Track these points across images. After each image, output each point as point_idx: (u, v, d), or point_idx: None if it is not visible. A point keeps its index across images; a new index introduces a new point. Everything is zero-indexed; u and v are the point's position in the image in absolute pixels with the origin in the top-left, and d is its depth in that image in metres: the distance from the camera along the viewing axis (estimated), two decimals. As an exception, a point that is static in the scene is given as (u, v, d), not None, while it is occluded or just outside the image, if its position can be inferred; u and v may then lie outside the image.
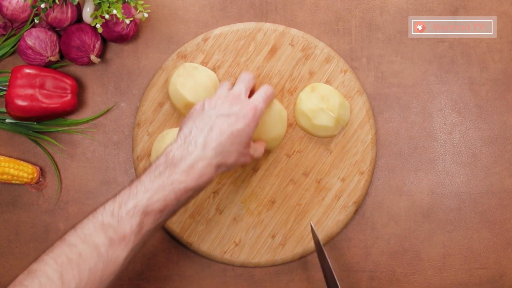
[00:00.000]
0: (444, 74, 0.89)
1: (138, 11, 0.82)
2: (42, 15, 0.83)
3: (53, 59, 0.84)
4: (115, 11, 0.79)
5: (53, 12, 0.83)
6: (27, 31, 0.84)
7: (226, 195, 0.87)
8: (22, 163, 0.86)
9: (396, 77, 0.89)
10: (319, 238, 0.84)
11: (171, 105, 0.87)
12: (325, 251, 0.82)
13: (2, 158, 0.86)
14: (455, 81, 0.89)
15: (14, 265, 0.88)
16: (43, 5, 0.78)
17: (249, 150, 0.76)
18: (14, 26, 0.86)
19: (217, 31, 0.87)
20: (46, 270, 0.63)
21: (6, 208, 0.88)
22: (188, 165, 0.70)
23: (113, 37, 0.85)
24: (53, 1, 0.79)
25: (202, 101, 0.76)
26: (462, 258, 0.89)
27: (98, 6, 0.81)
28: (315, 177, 0.87)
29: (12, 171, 0.84)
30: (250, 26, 0.87)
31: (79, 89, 0.88)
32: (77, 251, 0.65)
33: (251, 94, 0.80)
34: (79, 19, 0.86)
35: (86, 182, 0.88)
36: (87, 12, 0.83)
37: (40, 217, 0.88)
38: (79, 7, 0.85)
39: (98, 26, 0.81)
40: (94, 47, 0.84)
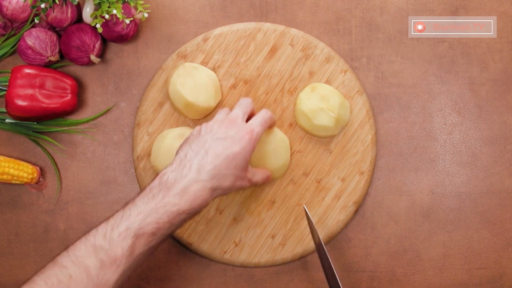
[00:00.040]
0: (444, 74, 0.89)
1: (138, 11, 0.82)
2: (42, 15, 0.83)
3: (53, 59, 0.84)
4: (115, 11, 0.79)
5: (53, 12, 0.83)
6: (27, 31, 0.84)
7: (226, 195, 0.87)
8: (22, 163, 0.86)
9: (396, 77, 0.89)
10: (318, 232, 0.83)
11: (171, 105, 0.87)
12: (322, 242, 0.81)
13: (2, 158, 0.86)
14: (455, 81, 0.89)
15: (14, 265, 0.88)
16: (43, 5, 0.78)
17: (247, 174, 0.76)
18: (14, 26, 0.86)
19: (217, 31, 0.87)
20: None
21: (6, 208, 0.88)
22: (181, 188, 0.69)
23: (113, 37, 0.85)
24: (53, 1, 0.79)
25: (199, 126, 0.76)
26: (462, 258, 0.89)
27: (98, 6, 0.81)
28: (315, 177, 0.87)
29: (12, 171, 0.84)
30: (250, 26, 0.87)
31: (79, 89, 0.88)
32: (67, 273, 0.64)
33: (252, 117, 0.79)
34: (79, 19, 0.86)
35: (86, 182, 0.88)
36: (87, 12, 0.83)
37: (40, 217, 0.88)
38: (79, 7, 0.85)
39: (98, 26, 0.81)
40: (94, 47, 0.84)
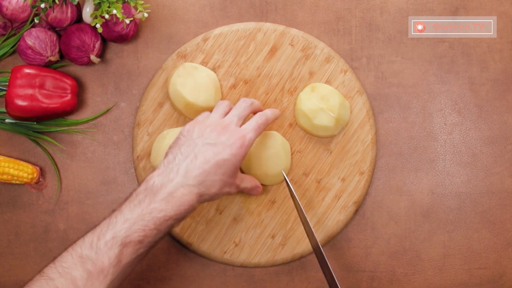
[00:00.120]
0: (444, 74, 0.89)
1: (138, 11, 0.82)
2: (42, 15, 0.83)
3: (53, 59, 0.84)
4: (115, 11, 0.79)
5: (53, 12, 0.83)
6: (27, 31, 0.84)
7: (226, 195, 0.86)
8: (22, 163, 0.86)
9: (396, 77, 0.89)
10: (300, 204, 0.81)
11: (171, 105, 0.87)
12: (316, 236, 0.81)
13: (2, 158, 0.86)
14: (455, 81, 0.89)
15: (14, 265, 0.88)
16: (43, 5, 0.78)
17: (236, 180, 0.75)
18: (14, 26, 0.85)
19: (217, 31, 0.87)
20: None
21: (6, 208, 0.88)
22: (168, 193, 0.69)
23: (113, 37, 0.85)
24: (53, 1, 0.79)
25: (188, 125, 0.75)
26: (462, 258, 0.89)
27: (98, 6, 0.81)
28: (315, 177, 0.87)
29: (12, 171, 0.84)
30: (250, 26, 0.87)
31: (79, 89, 0.88)
32: (54, 285, 0.64)
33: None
34: (79, 19, 0.85)
35: (86, 182, 0.88)
36: (87, 12, 0.83)
37: (40, 217, 0.88)
38: (79, 7, 0.85)
39: (98, 26, 0.81)
40: (94, 47, 0.84)
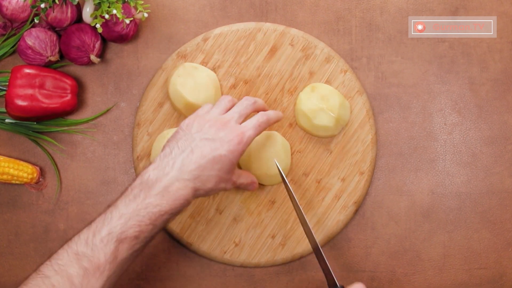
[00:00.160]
0: (444, 74, 0.89)
1: (138, 11, 0.82)
2: (42, 15, 0.83)
3: (53, 59, 0.84)
4: (115, 11, 0.79)
5: (53, 12, 0.83)
6: (27, 31, 0.84)
7: (226, 195, 0.87)
8: (22, 163, 0.86)
9: (396, 77, 0.89)
10: (294, 196, 0.80)
11: (171, 105, 0.87)
12: (311, 228, 0.80)
13: (2, 158, 0.86)
14: (455, 81, 0.89)
15: (14, 265, 0.88)
16: (43, 5, 0.78)
17: (232, 176, 0.75)
18: (14, 26, 0.85)
19: (217, 31, 0.87)
20: None
21: (6, 208, 0.88)
22: (163, 187, 0.68)
23: (113, 37, 0.85)
24: (53, 1, 0.79)
25: (188, 119, 0.74)
26: (462, 258, 0.89)
27: (98, 6, 0.81)
28: (315, 177, 0.87)
29: (12, 171, 0.84)
30: (250, 26, 0.87)
31: (79, 89, 0.88)
32: (50, 283, 0.64)
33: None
34: (79, 19, 0.85)
35: (86, 182, 0.88)
36: (87, 12, 0.83)
37: (40, 217, 0.88)
38: (79, 7, 0.85)
39: (98, 26, 0.81)
40: (94, 47, 0.84)
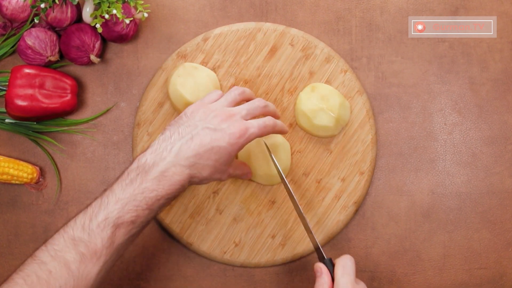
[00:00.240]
0: (444, 74, 0.89)
1: (138, 11, 0.82)
2: (41, 15, 0.83)
3: (52, 59, 0.84)
4: (115, 11, 0.79)
5: (53, 12, 0.83)
6: (26, 31, 0.84)
7: (226, 195, 0.87)
8: (21, 163, 0.86)
9: (396, 77, 0.89)
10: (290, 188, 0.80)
11: (171, 105, 0.86)
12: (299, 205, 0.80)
13: (1, 158, 0.86)
14: (455, 81, 0.89)
15: (13, 266, 0.88)
16: (43, 5, 0.78)
17: (229, 168, 0.74)
18: (13, 26, 0.85)
19: (217, 31, 0.87)
20: None
21: (5, 208, 0.88)
22: (159, 172, 0.68)
23: (113, 37, 0.85)
24: (53, 1, 0.79)
25: (194, 105, 0.74)
26: (462, 258, 0.89)
27: (98, 6, 0.81)
28: (315, 177, 0.87)
29: (11, 171, 0.84)
30: (250, 26, 0.87)
31: (79, 89, 0.88)
32: (47, 269, 0.63)
33: None
34: (79, 19, 0.85)
35: (86, 182, 0.88)
36: (87, 12, 0.83)
37: (39, 217, 0.88)
38: (79, 7, 0.85)
39: (98, 26, 0.81)
40: (94, 47, 0.84)
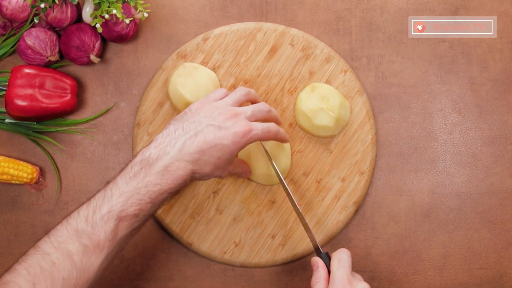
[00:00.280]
0: (444, 74, 0.89)
1: (138, 11, 0.82)
2: (41, 15, 0.83)
3: (52, 59, 0.84)
4: (115, 11, 0.79)
5: (53, 12, 0.83)
6: (26, 31, 0.84)
7: (226, 195, 0.87)
8: (21, 163, 0.86)
9: (396, 77, 0.89)
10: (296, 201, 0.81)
11: (171, 105, 0.86)
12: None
13: (1, 158, 0.86)
14: (455, 81, 0.89)
15: (13, 265, 0.88)
16: (42, 5, 0.78)
17: (230, 166, 0.75)
18: (13, 25, 0.85)
19: (217, 31, 0.87)
20: (18, 281, 0.62)
21: (5, 208, 0.88)
22: (163, 166, 0.68)
23: (113, 37, 0.85)
24: (53, 1, 0.78)
25: (201, 104, 0.74)
26: (462, 258, 0.89)
27: (98, 6, 0.81)
28: (315, 177, 0.87)
29: (11, 171, 0.84)
30: (250, 26, 0.87)
31: (79, 89, 0.88)
32: (50, 260, 0.63)
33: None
34: (79, 19, 0.85)
35: (86, 182, 0.88)
36: (87, 12, 0.83)
37: (39, 217, 0.88)
38: (79, 7, 0.85)
39: (98, 26, 0.81)
40: (93, 47, 0.84)
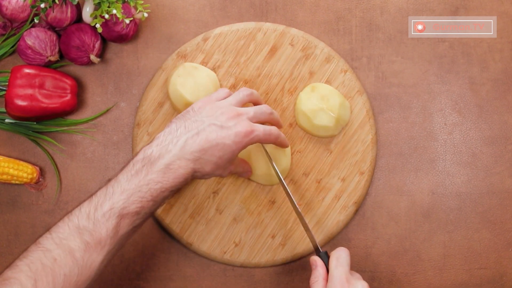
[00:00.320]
0: (444, 74, 0.89)
1: (138, 11, 0.82)
2: (41, 15, 0.83)
3: (52, 59, 0.84)
4: (114, 11, 0.79)
5: (53, 12, 0.83)
6: (26, 31, 0.84)
7: (226, 195, 0.87)
8: (21, 163, 0.86)
9: (396, 77, 0.89)
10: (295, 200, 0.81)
11: (171, 105, 0.86)
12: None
13: (1, 158, 0.86)
14: (455, 81, 0.89)
15: (13, 265, 0.88)
16: (42, 5, 0.78)
17: (231, 166, 0.75)
18: (13, 25, 0.85)
19: (217, 31, 0.87)
20: (20, 277, 0.62)
21: (5, 208, 0.88)
22: (165, 164, 0.68)
23: (113, 37, 0.85)
24: (53, 1, 0.78)
25: (204, 103, 0.75)
26: (462, 258, 0.89)
27: (98, 6, 0.81)
28: (315, 177, 0.87)
29: (11, 171, 0.84)
30: (250, 26, 0.87)
31: (79, 89, 0.88)
32: (52, 256, 0.63)
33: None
34: (79, 19, 0.85)
35: (86, 182, 0.88)
36: (87, 12, 0.83)
37: (39, 217, 0.88)
38: (79, 7, 0.85)
39: (97, 26, 0.81)
40: (93, 47, 0.84)
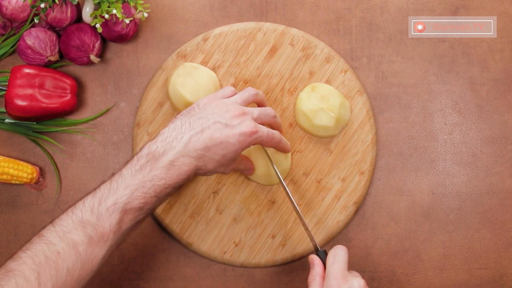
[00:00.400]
0: (444, 74, 0.89)
1: (138, 11, 0.82)
2: (41, 14, 0.83)
3: (52, 59, 0.84)
4: (114, 11, 0.79)
5: (53, 11, 0.83)
6: (26, 30, 0.84)
7: (226, 195, 0.86)
8: (21, 163, 0.86)
9: (396, 77, 0.89)
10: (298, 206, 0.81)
11: (171, 105, 0.86)
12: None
13: (1, 158, 0.86)
14: (455, 81, 0.89)
15: (13, 266, 0.88)
16: (42, 5, 0.78)
17: (233, 164, 0.75)
18: (13, 25, 0.85)
19: (217, 30, 0.87)
20: (23, 269, 0.62)
21: (5, 208, 0.88)
22: (169, 161, 0.69)
23: (113, 36, 0.85)
24: (53, 1, 0.78)
25: (209, 100, 0.75)
26: (462, 258, 0.89)
27: (97, 5, 0.81)
28: (315, 177, 0.87)
29: (11, 171, 0.84)
30: (250, 25, 0.87)
31: (79, 89, 0.88)
32: (55, 250, 0.64)
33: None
34: (78, 19, 0.85)
35: (86, 182, 0.88)
36: (87, 11, 0.83)
37: (39, 217, 0.88)
38: (79, 7, 0.85)
39: (97, 25, 0.81)
40: (93, 46, 0.84)
